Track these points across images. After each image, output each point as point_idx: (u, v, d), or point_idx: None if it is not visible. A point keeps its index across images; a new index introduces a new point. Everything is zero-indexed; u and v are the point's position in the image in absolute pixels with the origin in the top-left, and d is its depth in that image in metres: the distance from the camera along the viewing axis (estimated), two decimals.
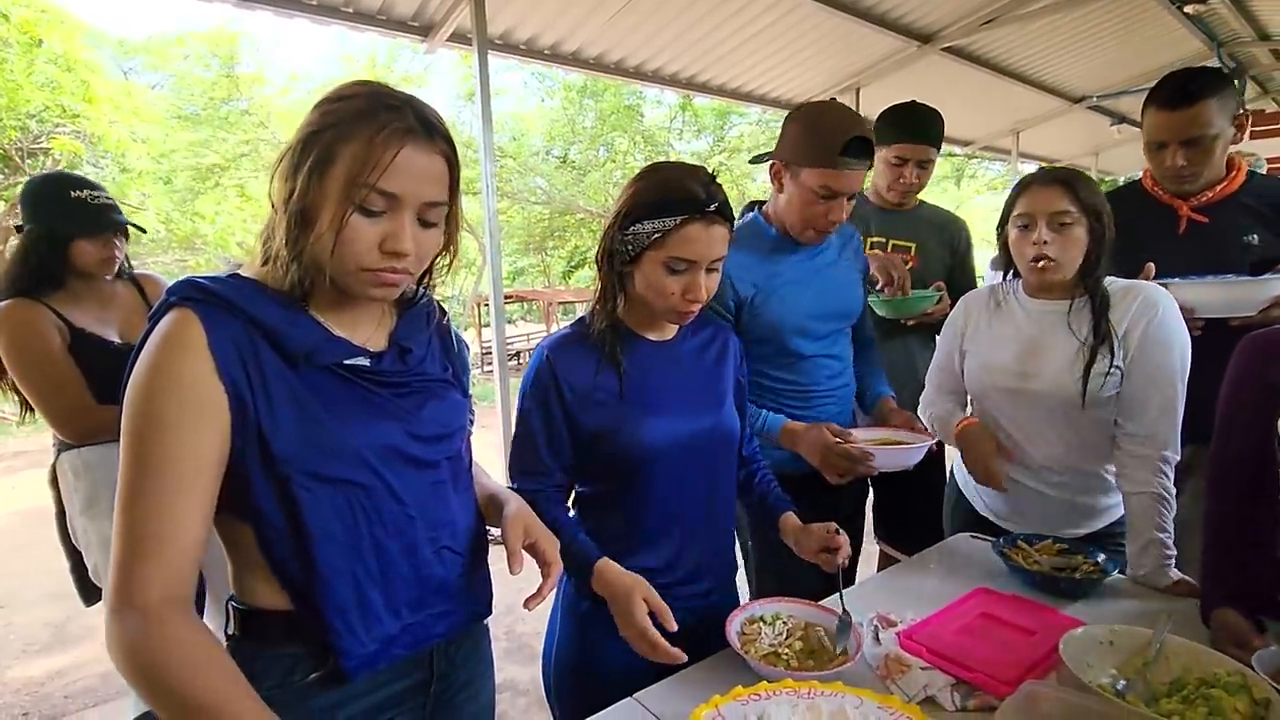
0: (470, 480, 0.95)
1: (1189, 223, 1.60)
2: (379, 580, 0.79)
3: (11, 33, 8.14)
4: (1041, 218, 1.31)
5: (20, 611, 3.41)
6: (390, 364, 0.84)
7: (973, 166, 18.41)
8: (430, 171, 0.77)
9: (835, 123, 1.32)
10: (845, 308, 1.54)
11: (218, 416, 0.70)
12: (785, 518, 1.24)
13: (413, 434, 0.83)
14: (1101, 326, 1.30)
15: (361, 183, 0.72)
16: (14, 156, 9.12)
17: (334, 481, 0.75)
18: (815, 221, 1.39)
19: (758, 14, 3.83)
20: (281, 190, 0.75)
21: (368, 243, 0.74)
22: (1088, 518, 1.42)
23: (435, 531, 0.85)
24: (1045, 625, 1.05)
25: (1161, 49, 5.39)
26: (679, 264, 1.03)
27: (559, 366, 1.09)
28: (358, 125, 0.73)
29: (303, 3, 3.02)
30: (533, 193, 15.36)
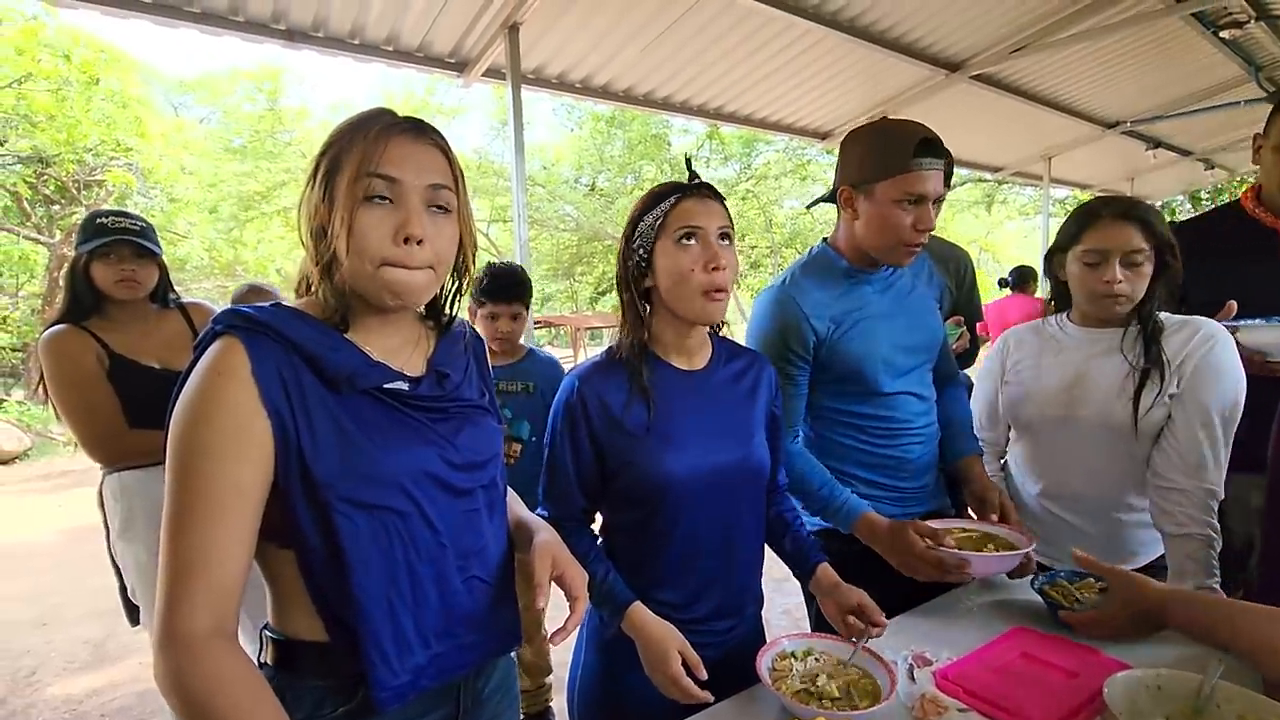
0: (504, 509, 0.96)
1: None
2: (411, 608, 0.79)
3: (72, 72, 8.63)
4: (1115, 255, 1.26)
5: (61, 629, 3.50)
6: (428, 389, 0.85)
7: (1003, 192, 18.21)
8: (426, 158, 0.81)
9: (899, 128, 1.28)
10: (927, 338, 1.45)
11: (261, 445, 0.72)
12: (821, 570, 1.19)
13: (449, 460, 0.84)
14: (1153, 351, 1.27)
15: (363, 175, 0.76)
16: (70, 188, 9.58)
17: (372, 508, 0.76)
18: (903, 234, 1.28)
19: (784, 46, 3.89)
20: (305, 223, 0.80)
21: (381, 232, 0.77)
22: (1125, 553, 1.38)
23: (465, 560, 0.85)
24: (1088, 667, 1.01)
25: (1197, 74, 5.31)
26: (686, 234, 1.05)
27: (589, 397, 1.09)
28: (353, 134, 0.79)
29: (346, 43, 3.16)
30: (562, 220, 15.60)
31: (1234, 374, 1.24)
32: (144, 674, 2.95)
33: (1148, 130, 6.45)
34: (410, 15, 3.06)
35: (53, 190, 9.90)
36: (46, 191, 9.91)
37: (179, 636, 0.68)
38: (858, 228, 1.35)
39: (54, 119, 8.56)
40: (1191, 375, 1.25)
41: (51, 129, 8.63)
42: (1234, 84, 5.47)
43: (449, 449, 0.84)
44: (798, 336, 1.33)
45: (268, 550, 0.77)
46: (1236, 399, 1.24)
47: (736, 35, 3.70)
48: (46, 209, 10.20)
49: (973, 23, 3.98)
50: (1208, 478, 1.23)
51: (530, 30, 3.21)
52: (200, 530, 0.69)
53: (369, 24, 3.08)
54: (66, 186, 9.58)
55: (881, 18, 3.77)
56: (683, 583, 1.11)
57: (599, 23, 3.38)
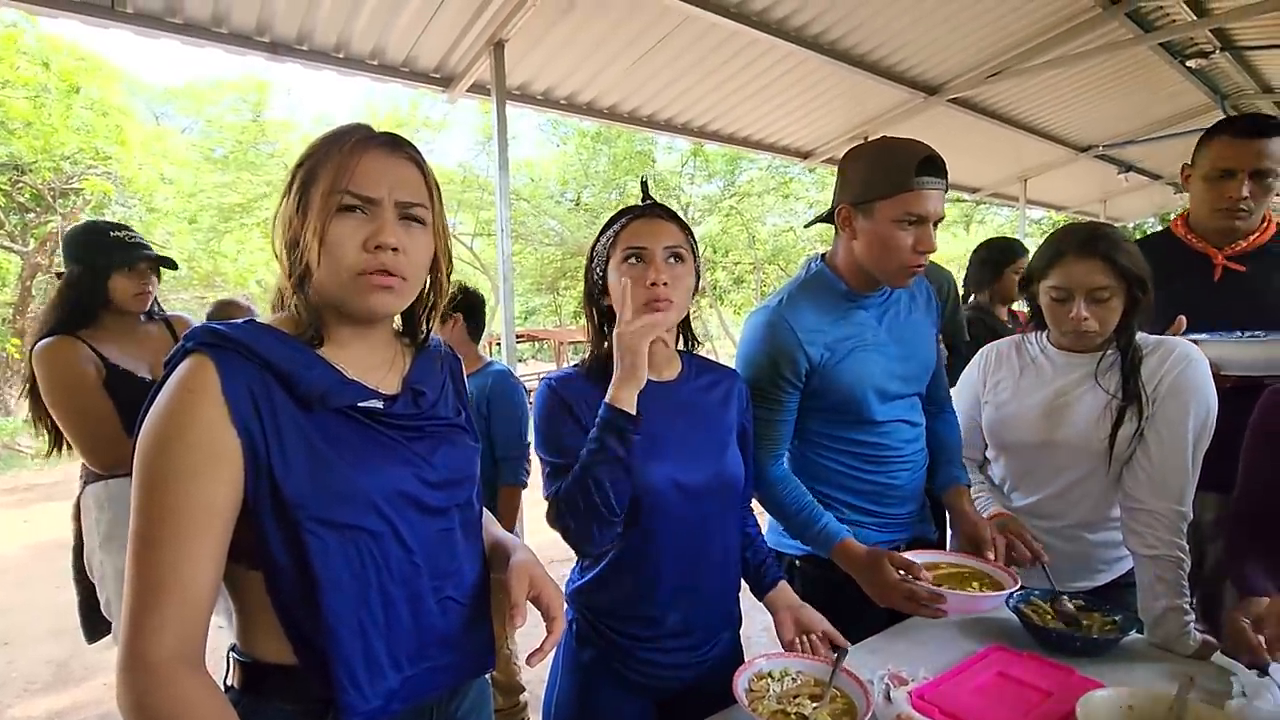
0: (479, 530, 0.94)
1: (1225, 271, 1.58)
2: (383, 631, 0.78)
3: (51, 79, 8.53)
4: (1080, 293, 1.27)
5: (23, 649, 3.39)
6: (403, 407, 0.84)
7: (981, 212, 18.57)
8: (401, 173, 0.81)
9: (901, 146, 1.24)
10: (921, 366, 1.43)
11: (231, 463, 0.71)
12: (780, 587, 1.22)
13: (424, 479, 0.82)
14: (1131, 385, 1.27)
15: (336, 189, 0.76)
16: (46, 196, 9.43)
17: (343, 527, 0.75)
18: (903, 256, 1.25)
19: (767, 67, 3.95)
20: (280, 236, 0.80)
21: (353, 243, 0.77)
22: (1092, 571, 1.40)
23: (439, 581, 0.84)
24: (1062, 686, 1.02)
25: (1166, 101, 5.48)
26: (633, 255, 1.07)
27: (567, 395, 1.11)
28: (327, 149, 0.79)
29: (331, 56, 3.15)
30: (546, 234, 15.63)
31: (1206, 395, 1.25)
32: (108, 695, 2.86)
33: (1120, 154, 6.63)
34: (396, 30, 3.06)
35: (28, 198, 9.74)
36: (21, 199, 9.74)
37: (144, 660, 0.66)
38: (856, 248, 1.31)
39: (31, 126, 8.44)
40: (1164, 397, 1.26)
41: (28, 136, 8.50)
42: (1201, 111, 5.65)
43: (424, 467, 0.83)
44: (790, 362, 1.29)
45: (235, 571, 0.75)
46: (1208, 420, 1.25)
47: (720, 56, 3.75)
48: (21, 217, 10.02)
49: (950, 47, 4.07)
50: (1178, 499, 1.24)
51: (515, 47, 3.23)
52: (169, 550, 0.68)
53: (354, 38, 3.08)
54: (42, 195, 9.42)
55: (861, 41, 3.85)
56: (658, 597, 1.11)
57: (584, 41, 3.41)
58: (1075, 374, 1.36)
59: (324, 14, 2.86)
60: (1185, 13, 4.01)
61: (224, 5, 2.71)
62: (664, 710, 1.15)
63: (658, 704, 1.15)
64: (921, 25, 3.75)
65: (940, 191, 1.25)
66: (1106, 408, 1.29)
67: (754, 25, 3.39)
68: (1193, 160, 1.63)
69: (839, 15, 3.55)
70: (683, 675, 1.12)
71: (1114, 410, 1.28)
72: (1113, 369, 1.31)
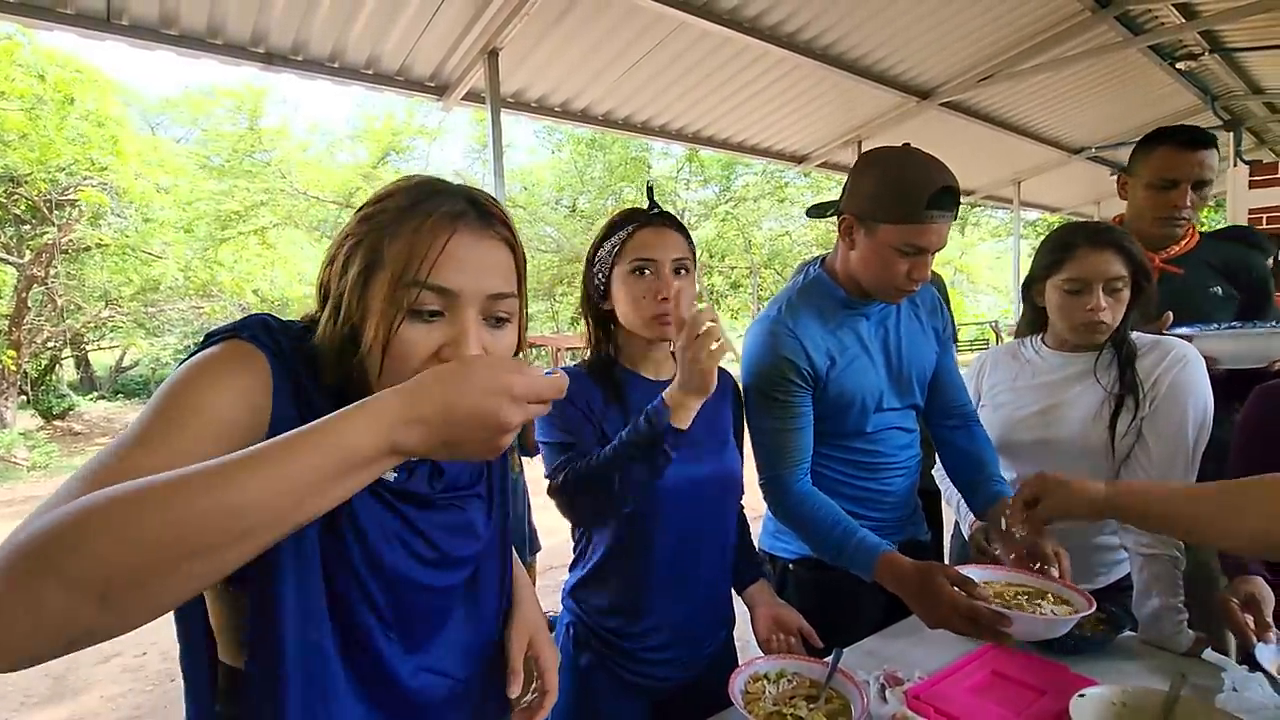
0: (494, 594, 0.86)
1: (1162, 275, 1.63)
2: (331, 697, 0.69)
3: (46, 91, 8.53)
4: (1097, 284, 1.27)
5: None
6: (420, 485, 0.74)
7: (976, 215, 18.64)
8: (490, 259, 0.67)
9: (917, 173, 1.16)
10: (920, 373, 1.39)
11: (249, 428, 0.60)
12: (758, 584, 1.23)
13: (419, 556, 0.74)
14: (1127, 376, 1.29)
15: (409, 281, 0.62)
16: (42, 208, 9.42)
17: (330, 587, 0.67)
18: (897, 281, 1.21)
19: (760, 72, 3.98)
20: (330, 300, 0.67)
21: (423, 354, 0.64)
22: (1091, 574, 1.40)
23: (424, 658, 0.76)
24: (1056, 683, 1.02)
25: (1156, 102, 5.52)
26: (641, 266, 1.08)
27: (577, 392, 1.11)
28: (402, 220, 0.64)
29: (326, 66, 3.17)
30: (543, 241, 15.65)
31: (1204, 394, 1.26)
32: (106, 708, 2.85)
33: (1111, 156, 6.67)
34: (391, 39, 3.08)
35: (23, 210, 9.73)
36: (17, 211, 9.73)
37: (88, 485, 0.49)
38: (853, 259, 1.27)
39: (26, 138, 8.44)
40: (1163, 396, 1.27)
41: (23, 148, 8.50)
42: (1191, 112, 5.69)
43: (421, 544, 0.74)
44: (796, 368, 1.26)
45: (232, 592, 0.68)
46: (1206, 419, 1.26)
47: (714, 62, 3.78)
48: (16, 229, 10.01)
49: (941, 52, 4.11)
50: None
51: (510, 55, 3.25)
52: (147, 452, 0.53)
53: (349, 47, 3.09)
54: (38, 206, 9.42)
55: (854, 46, 3.88)
56: (653, 593, 1.11)
57: (578, 48, 3.43)
58: (1071, 372, 1.37)
59: (319, 24, 2.88)
60: (1174, 15, 4.05)
61: (219, 16, 2.73)
62: (660, 711, 1.15)
63: (654, 704, 1.15)
64: (913, 30, 3.78)
65: (947, 223, 1.19)
66: (1104, 402, 1.31)
67: (747, 31, 3.41)
68: (1130, 168, 1.71)
69: (831, 21, 3.58)
70: (678, 675, 1.12)
71: (1111, 401, 1.29)
72: (1109, 365, 1.32)
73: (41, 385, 11.25)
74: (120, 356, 14.01)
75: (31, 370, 10.70)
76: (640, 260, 1.08)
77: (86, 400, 12.28)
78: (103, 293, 10.58)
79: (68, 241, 9.64)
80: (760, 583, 1.25)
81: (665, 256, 1.08)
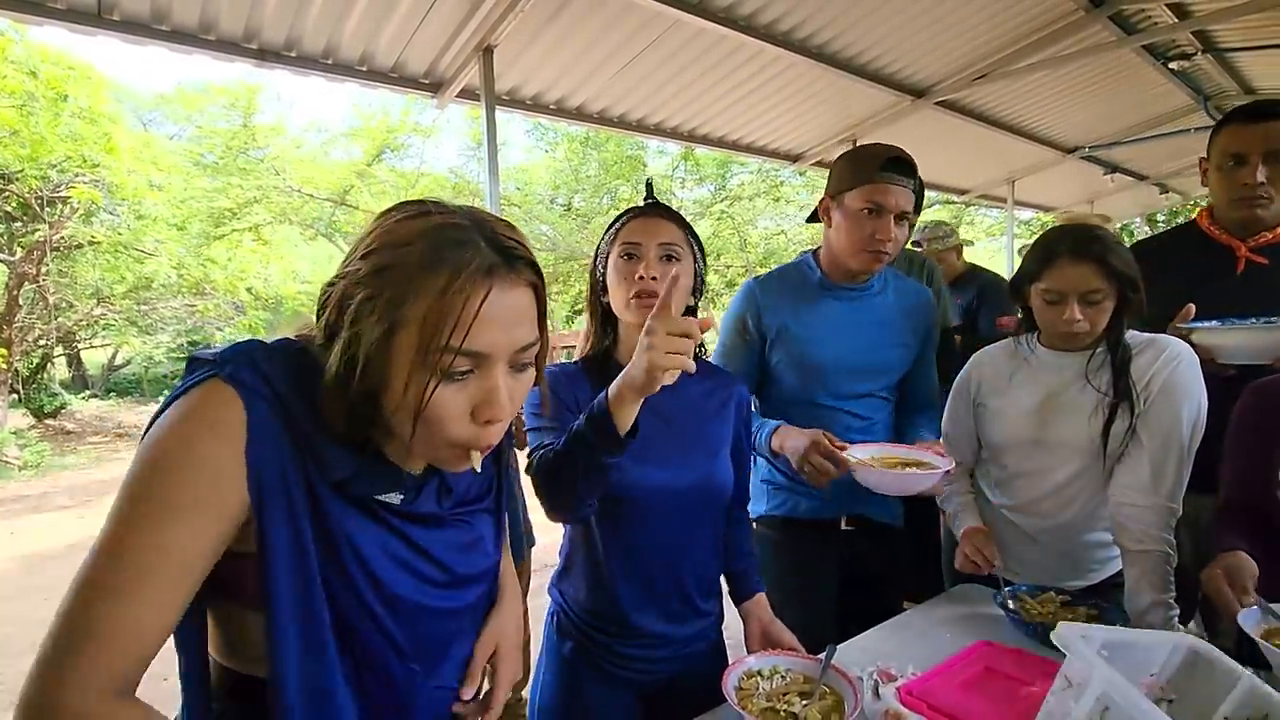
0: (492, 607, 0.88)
1: (1248, 264, 1.53)
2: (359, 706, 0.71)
3: (39, 88, 8.47)
4: (1073, 296, 1.27)
5: (10, 661, 3.36)
6: (426, 505, 0.74)
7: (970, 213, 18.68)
8: (519, 310, 0.65)
9: (873, 147, 1.44)
10: (879, 364, 1.48)
11: (227, 522, 0.61)
12: (757, 598, 1.23)
13: (431, 580, 0.73)
14: (1122, 383, 1.28)
15: (439, 347, 0.60)
16: (33, 205, 9.35)
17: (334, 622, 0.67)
18: (865, 242, 1.40)
19: (755, 71, 3.97)
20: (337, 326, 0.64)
21: (458, 413, 0.63)
22: (1083, 572, 1.41)
23: (431, 680, 0.77)
24: (1048, 679, 1.03)
25: (1150, 102, 5.54)
26: (628, 251, 1.10)
27: (561, 387, 1.13)
28: (424, 278, 0.61)
29: (319, 62, 3.15)
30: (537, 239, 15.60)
31: (1197, 393, 1.27)
32: None
33: (1105, 155, 6.69)
34: (384, 36, 3.07)
35: (14, 207, 9.66)
36: (8, 208, 9.66)
37: (63, 707, 0.56)
38: (831, 236, 1.47)
39: (18, 134, 8.37)
40: (1156, 395, 1.27)
41: (14, 144, 8.43)
42: (1184, 112, 5.72)
43: (431, 568, 0.73)
44: (745, 321, 1.50)
45: (230, 608, 0.69)
46: (1199, 418, 1.26)
47: (709, 60, 3.77)
48: (7, 226, 9.93)
49: (936, 50, 4.11)
50: (1168, 495, 1.25)
51: (505, 52, 3.24)
52: (124, 601, 0.57)
53: (343, 44, 3.08)
54: (29, 203, 9.35)
55: (849, 45, 3.88)
56: (629, 595, 1.11)
57: (573, 46, 3.42)
58: (1066, 373, 1.37)
59: (312, 20, 2.86)
60: (1167, 15, 4.06)
61: (211, 12, 2.71)
62: (648, 703, 1.15)
63: (641, 697, 1.15)
64: (908, 29, 3.79)
65: (904, 189, 1.38)
66: (1098, 406, 1.31)
67: (742, 30, 3.41)
68: (1207, 154, 1.60)
69: (826, 19, 3.58)
70: (662, 670, 1.13)
71: (1106, 408, 1.29)
72: (1103, 367, 1.32)
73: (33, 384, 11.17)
74: (113, 355, 13.93)
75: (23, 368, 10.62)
76: (627, 245, 1.11)
77: (78, 399, 12.21)
78: (95, 290, 10.51)
79: (59, 239, 9.58)
80: (758, 597, 1.24)
81: (651, 241, 1.10)
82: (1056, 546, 1.41)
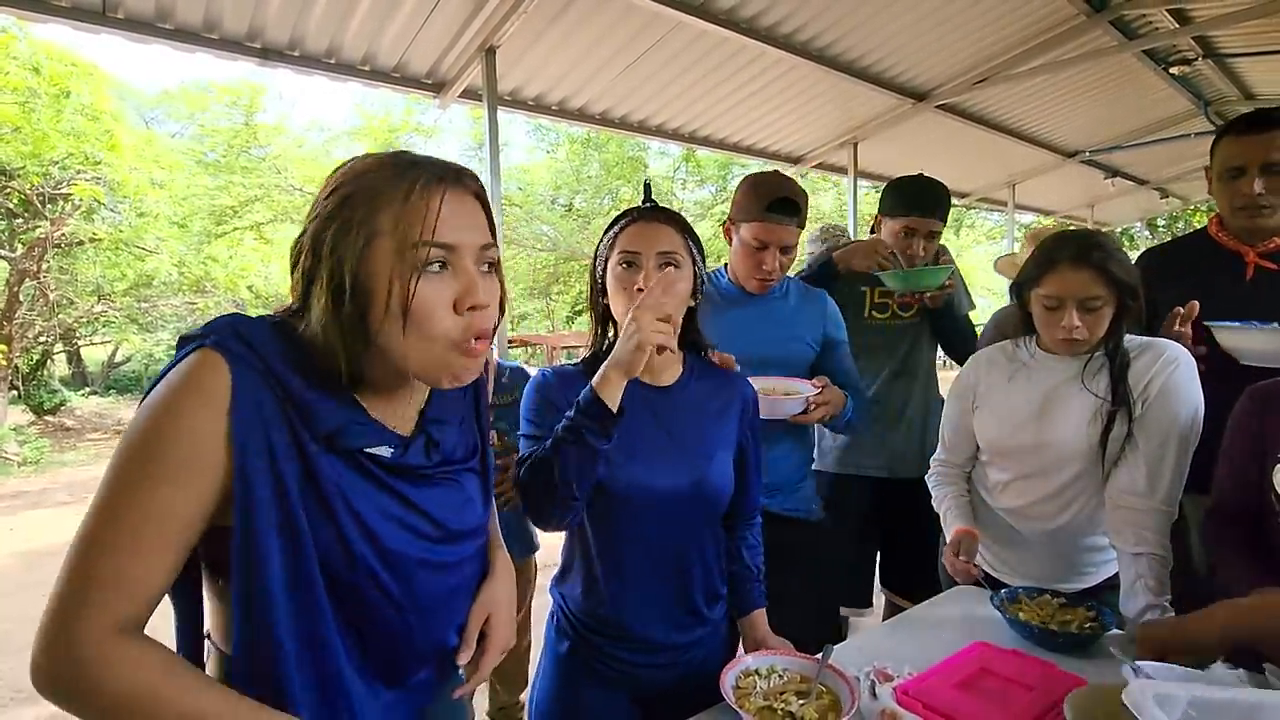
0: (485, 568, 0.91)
1: (1257, 269, 1.53)
2: (360, 664, 0.75)
3: (41, 84, 8.47)
4: (1071, 303, 1.27)
5: (9, 657, 3.36)
6: (415, 458, 0.77)
7: (971, 216, 18.71)
8: (474, 214, 0.74)
9: (766, 185, 1.54)
10: (782, 358, 1.59)
11: (211, 481, 0.65)
12: (757, 614, 1.22)
13: (425, 534, 0.77)
14: (1120, 389, 1.28)
15: (414, 243, 0.67)
16: (35, 202, 9.36)
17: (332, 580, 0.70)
18: (754, 270, 1.58)
19: (757, 73, 3.98)
20: (321, 275, 0.68)
21: (443, 305, 0.69)
22: (1083, 574, 1.41)
23: (428, 631, 0.80)
24: (1044, 681, 1.03)
25: (1150, 107, 5.55)
26: (627, 259, 1.10)
27: (555, 391, 1.12)
28: (387, 188, 0.68)
29: (322, 62, 3.16)
30: (538, 239, 15.62)
31: (1194, 396, 1.27)
32: None
33: (1106, 160, 6.71)
34: (387, 36, 3.08)
35: (15, 203, 9.66)
36: (9, 204, 9.67)
37: (71, 654, 0.61)
38: (731, 255, 1.66)
39: (20, 131, 8.38)
40: (1153, 398, 1.27)
41: (16, 141, 8.44)
42: (1185, 117, 5.73)
43: (424, 523, 0.76)
44: None
45: (221, 585, 0.71)
46: (1196, 421, 1.26)
47: (711, 62, 3.78)
48: (9, 222, 9.94)
49: (937, 54, 4.12)
50: (1165, 498, 1.25)
51: (507, 53, 3.25)
52: (128, 554, 0.62)
53: (346, 44, 3.09)
54: (30, 200, 9.35)
55: (851, 48, 3.89)
56: (623, 600, 1.11)
57: (575, 47, 3.43)
58: (1064, 376, 1.37)
59: (315, 20, 2.87)
60: (1167, 21, 4.07)
61: (215, 11, 2.72)
62: (646, 706, 1.15)
63: (639, 700, 1.15)
64: (910, 32, 3.80)
65: (787, 227, 1.53)
66: (1096, 411, 1.31)
67: (743, 32, 3.42)
68: (1210, 162, 1.60)
69: (828, 22, 3.59)
70: (659, 675, 1.12)
71: (1104, 414, 1.29)
72: (1100, 372, 1.32)
73: (33, 380, 11.18)
74: (113, 352, 13.93)
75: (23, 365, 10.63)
76: (626, 253, 1.10)
77: (78, 396, 12.20)
78: (95, 288, 10.52)
79: (60, 236, 9.58)
80: (759, 612, 1.22)
81: (650, 249, 1.09)
82: (1053, 549, 1.41)
